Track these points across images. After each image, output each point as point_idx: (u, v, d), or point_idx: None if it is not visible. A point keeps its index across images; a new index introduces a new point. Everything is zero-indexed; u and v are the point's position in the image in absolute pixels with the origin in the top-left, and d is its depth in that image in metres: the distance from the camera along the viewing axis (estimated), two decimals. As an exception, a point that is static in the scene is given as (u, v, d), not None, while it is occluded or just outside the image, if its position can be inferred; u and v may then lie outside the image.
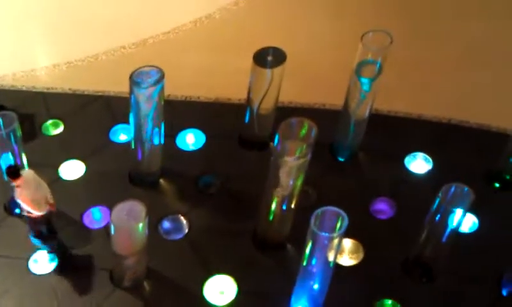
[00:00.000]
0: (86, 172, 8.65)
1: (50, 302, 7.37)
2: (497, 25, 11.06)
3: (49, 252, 7.66)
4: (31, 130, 9.09)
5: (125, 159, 8.59)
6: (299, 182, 7.17)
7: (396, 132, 9.25)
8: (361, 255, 7.83)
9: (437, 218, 7.00)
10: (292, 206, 7.42)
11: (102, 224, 8.06)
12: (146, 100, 7.60)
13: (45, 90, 9.91)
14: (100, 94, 9.80)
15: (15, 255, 7.75)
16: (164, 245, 7.89)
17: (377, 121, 9.09)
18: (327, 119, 8.76)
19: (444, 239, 7.15)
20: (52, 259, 7.65)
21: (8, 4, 11.20)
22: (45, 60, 10.13)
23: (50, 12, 9.05)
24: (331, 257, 6.50)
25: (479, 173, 8.61)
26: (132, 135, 8.11)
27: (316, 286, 6.90)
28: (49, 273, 7.61)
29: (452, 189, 6.91)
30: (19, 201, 7.09)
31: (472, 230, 8.07)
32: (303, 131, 7.13)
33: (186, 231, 8.02)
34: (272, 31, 10.75)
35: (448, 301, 7.44)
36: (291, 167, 6.98)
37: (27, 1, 11.21)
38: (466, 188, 6.86)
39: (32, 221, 7.31)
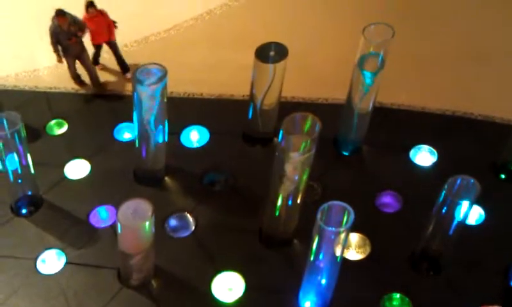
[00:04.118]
0: (91, 171, 8.66)
1: (59, 301, 7.38)
2: (500, 17, 11.05)
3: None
4: (35, 130, 9.11)
5: (129, 158, 8.59)
6: (304, 177, 7.16)
7: (400, 125, 9.23)
8: (368, 249, 7.83)
9: (443, 210, 6.99)
10: (298, 201, 7.41)
11: (109, 223, 8.07)
12: (149, 98, 7.59)
13: (48, 90, 9.91)
14: (103, 93, 9.81)
15: (23, 255, 7.77)
16: (171, 243, 7.90)
17: (381, 114, 9.09)
18: (330, 114, 8.77)
19: (451, 231, 7.13)
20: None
21: (10, 6, 11.20)
22: (47, 60, 10.12)
23: (52, 12, 9.12)
24: (338, 252, 6.49)
25: (484, 164, 8.61)
26: (136, 133, 8.11)
27: (324, 281, 6.91)
28: (57, 273, 7.63)
29: (458, 181, 6.89)
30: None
31: (479, 222, 8.06)
32: (307, 126, 7.12)
33: (193, 228, 8.03)
34: (273, 26, 10.73)
35: (456, 293, 7.44)
36: (296, 163, 6.97)
37: (29, 2, 11.23)
38: (472, 180, 6.84)
39: None
